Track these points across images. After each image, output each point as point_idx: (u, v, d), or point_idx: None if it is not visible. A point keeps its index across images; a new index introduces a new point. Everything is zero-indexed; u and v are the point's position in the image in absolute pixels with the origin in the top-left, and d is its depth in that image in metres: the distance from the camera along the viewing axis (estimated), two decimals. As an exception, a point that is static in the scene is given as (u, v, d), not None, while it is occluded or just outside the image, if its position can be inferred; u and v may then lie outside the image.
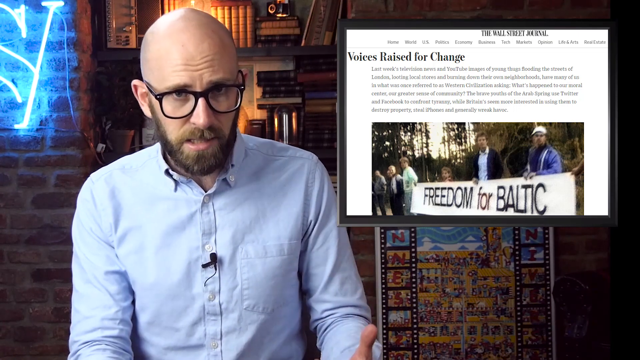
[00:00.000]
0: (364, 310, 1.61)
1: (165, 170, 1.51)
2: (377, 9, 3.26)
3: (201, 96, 1.35)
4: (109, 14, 3.48)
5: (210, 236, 1.51)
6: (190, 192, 1.51)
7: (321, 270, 1.58)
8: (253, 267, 1.51)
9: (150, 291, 1.52)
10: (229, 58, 1.39)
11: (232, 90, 1.41)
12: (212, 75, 1.35)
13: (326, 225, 1.58)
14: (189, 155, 1.41)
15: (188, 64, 1.34)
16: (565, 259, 3.34)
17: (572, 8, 3.24)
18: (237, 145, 1.52)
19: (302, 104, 3.58)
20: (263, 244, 1.52)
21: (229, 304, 1.51)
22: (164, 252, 1.51)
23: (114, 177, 1.57)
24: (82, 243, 1.57)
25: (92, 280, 1.54)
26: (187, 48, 1.35)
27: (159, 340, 1.55)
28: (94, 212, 1.56)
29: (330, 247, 1.58)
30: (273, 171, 1.56)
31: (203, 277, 1.51)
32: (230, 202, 1.52)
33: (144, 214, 1.52)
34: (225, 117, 1.40)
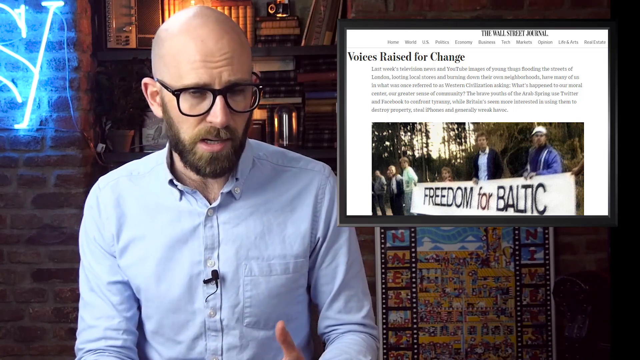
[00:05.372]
0: (369, 329, 1.57)
1: (170, 181, 1.47)
2: (377, 9, 3.26)
3: (220, 94, 1.32)
4: (109, 14, 3.48)
5: (212, 251, 1.47)
6: (195, 203, 1.47)
7: (328, 289, 1.54)
8: (256, 285, 1.47)
9: (153, 302, 1.50)
10: (246, 57, 1.37)
11: (248, 90, 1.38)
12: (230, 74, 1.33)
13: (336, 243, 1.53)
14: (202, 157, 1.37)
15: (207, 61, 1.32)
16: (565, 259, 3.34)
17: (572, 8, 3.24)
18: (245, 156, 1.47)
19: (302, 104, 3.57)
20: (268, 261, 1.47)
21: (230, 321, 1.48)
22: (165, 264, 1.48)
23: (120, 185, 1.54)
24: (87, 250, 1.57)
25: (95, 290, 1.53)
26: (207, 44, 1.32)
27: (163, 350, 1.53)
28: (98, 220, 1.54)
29: (339, 264, 1.54)
30: (282, 184, 1.51)
31: (204, 292, 1.47)
32: (235, 216, 1.47)
33: (147, 223, 1.49)
34: (240, 117, 1.38)
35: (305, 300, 1.57)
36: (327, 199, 1.52)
